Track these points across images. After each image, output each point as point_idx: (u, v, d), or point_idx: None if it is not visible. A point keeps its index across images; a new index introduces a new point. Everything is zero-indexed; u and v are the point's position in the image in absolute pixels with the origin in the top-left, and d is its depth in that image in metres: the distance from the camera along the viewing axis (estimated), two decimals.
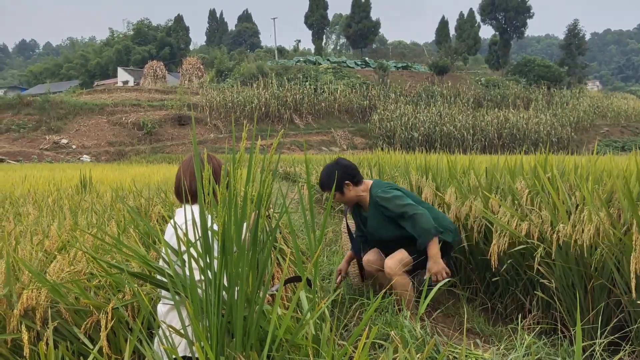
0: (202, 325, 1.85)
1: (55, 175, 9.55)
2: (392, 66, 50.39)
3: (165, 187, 6.34)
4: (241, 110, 35.32)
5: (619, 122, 43.05)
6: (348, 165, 3.68)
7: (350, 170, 3.64)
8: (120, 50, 61.50)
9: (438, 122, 36.30)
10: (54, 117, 32.26)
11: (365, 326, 2.06)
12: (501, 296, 3.83)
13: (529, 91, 45.06)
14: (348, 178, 3.62)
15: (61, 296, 2.22)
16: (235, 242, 1.87)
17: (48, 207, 4.77)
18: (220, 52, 52.78)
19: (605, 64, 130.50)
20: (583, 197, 3.21)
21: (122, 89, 42.31)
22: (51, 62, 75.12)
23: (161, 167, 13.92)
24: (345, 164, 3.68)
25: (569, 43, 56.12)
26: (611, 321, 2.81)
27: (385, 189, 3.59)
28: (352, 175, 3.64)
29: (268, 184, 2.02)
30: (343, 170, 3.61)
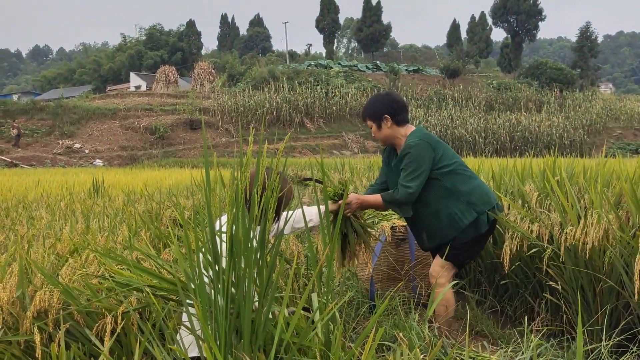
0: (211, 327, 1.88)
1: (68, 179, 9.65)
2: (403, 70, 50.34)
3: (176, 191, 6.39)
4: (252, 114, 35.44)
5: (632, 125, 42.64)
6: (396, 99, 3.30)
7: (395, 105, 3.25)
8: (133, 55, 61.94)
9: (449, 126, 36.20)
10: (67, 121, 32.55)
11: (372, 328, 2.08)
12: (510, 299, 3.83)
13: (541, 94, 44.79)
14: (389, 112, 3.22)
15: (73, 298, 2.25)
16: (243, 244, 1.90)
17: (60, 211, 4.83)
18: (231, 56, 53.03)
19: (618, 66, 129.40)
20: (592, 200, 3.20)
21: (135, 93, 42.59)
22: (64, 68, 75.82)
23: (173, 171, 14.01)
24: (394, 97, 3.32)
25: (582, 45, 55.73)
26: (619, 323, 2.80)
27: (417, 141, 3.12)
28: (395, 111, 3.23)
29: (276, 186, 2.04)
30: (388, 102, 3.26)
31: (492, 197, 3.19)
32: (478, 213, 3.11)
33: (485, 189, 3.22)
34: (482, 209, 3.11)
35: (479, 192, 3.15)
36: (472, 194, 3.12)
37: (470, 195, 3.12)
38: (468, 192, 3.12)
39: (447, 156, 3.16)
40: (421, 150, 3.08)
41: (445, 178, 3.13)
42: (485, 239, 3.27)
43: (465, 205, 3.11)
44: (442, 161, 3.13)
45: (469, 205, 3.11)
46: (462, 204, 3.11)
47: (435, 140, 3.20)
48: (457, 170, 3.15)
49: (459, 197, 3.12)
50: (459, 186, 3.13)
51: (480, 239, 3.19)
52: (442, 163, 3.13)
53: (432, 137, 3.22)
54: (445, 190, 3.13)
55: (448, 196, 3.12)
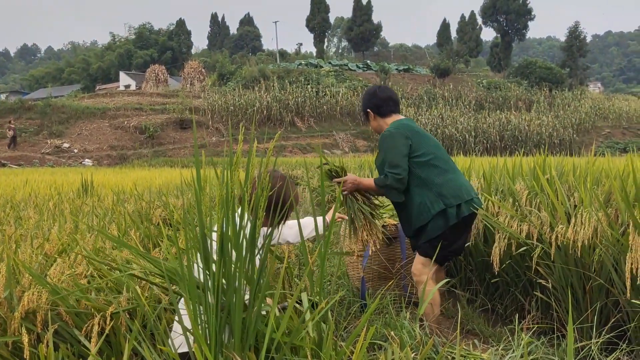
0: (201, 326, 1.86)
1: (56, 179, 9.58)
2: (393, 69, 50.44)
3: (166, 190, 6.36)
4: (243, 113, 35.36)
5: (620, 124, 42.98)
6: (376, 94, 3.54)
7: (376, 100, 3.51)
8: (122, 54, 61.62)
9: (440, 125, 36.29)
10: (56, 121, 32.32)
11: (363, 327, 2.07)
12: (501, 297, 3.84)
13: (531, 93, 45.04)
14: (371, 107, 3.52)
15: (61, 298, 2.23)
16: (233, 243, 1.89)
17: (49, 210, 4.79)
18: (222, 55, 52.91)
19: (607, 66, 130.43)
20: (581, 198, 3.22)
21: (124, 93, 42.37)
22: (53, 67, 75.30)
23: (163, 171, 13.94)
24: (375, 91, 3.57)
25: (570, 45, 56.11)
26: (609, 321, 2.82)
27: (393, 130, 3.33)
28: (377, 105, 3.50)
29: (265, 185, 2.03)
30: (369, 97, 3.56)
31: (464, 192, 3.25)
32: (446, 205, 3.20)
33: (458, 183, 3.28)
34: (452, 202, 3.19)
35: (451, 185, 3.24)
36: (443, 186, 3.23)
37: (442, 187, 3.22)
38: (440, 184, 3.23)
39: (424, 148, 3.30)
40: (394, 139, 3.28)
41: (420, 168, 3.27)
42: (458, 232, 3.28)
43: (436, 196, 3.22)
44: (417, 151, 3.28)
45: (439, 197, 3.22)
46: (433, 195, 3.23)
47: (412, 130, 3.34)
48: (432, 162, 3.28)
49: (431, 188, 3.24)
50: (433, 177, 3.25)
51: (451, 232, 3.24)
52: (417, 153, 3.28)
53: (409, 127, 3.36)
54: (419, 180, 3.27)
55: (421, 185, 3.26)
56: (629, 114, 44.93)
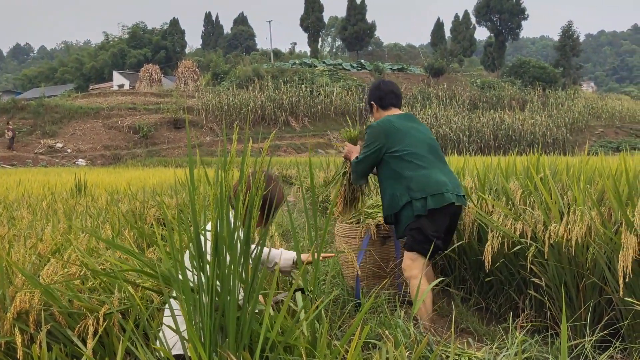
0: (195, 326, 1.86)
1: (50, 179, 9.54)
2: (387, 68, 50.50)
3: (160, 190, 6.34)
4: (237, 113, 35.30)
5: (613, 123, 43.18)
6: (380, 87, 3.81)
7: (379, 93, 3.78)
8: (116, 53, 61.41)
9: (434, 124, 36.34)
10: (49, 121, 32.18)
11: (357, 326, 2.07)
12: (495, 296, 3.85)
13: (524, 92, 45.18)
14: (374, 99, 3.79)
15: (54, 299, 2.22)
16: (227, 243, 1.89)
17: (42, 210, 4.77)
18: (216, 55, 52.81)
19: (600, 65, 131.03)
20: (575, 197, 3.23)
21: (118, 92, 42.24)
22: (46, 66, 74.95)
23: (157, 171, 13.90)
24: (378, 84, 3.85)
25: (564, 44, 56.33)
26: (603, 319, 2.83)
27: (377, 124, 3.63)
28: (380, 97, 3.76)
29: (260, 184, 2.03)
30: (373, 91, 3.84)
31: (433, 186, 3.34)
32: (412, 198, 3.35)
33: (429, 178, 3.37)
34: (417, 196, 3.33)
35: (420, 179, 3.36)
36: (412, 180, 3.38)
37: (411, 181, 3.38)
38: (410, 177, 3.39)
39: (400, 144, 3.48)
40: (374, 133, 3.57)
41: (395, 162, 3.47)
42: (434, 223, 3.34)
43: (404, 189, 3.40)
44: (394, 147, 3.48)
45: (407, 190, 3.38)
46: (402, 187, 3.42)
47: (394, 127, 3.54)
48: (406, 157, 3.45)
49: (401, 181, 3.43)
50: (404, 171, 3.42)
51: (427, 223, 3.32)
52: (394, 148, 3.48)
53: (392, 123, 3.56)
54: (393, 172, 3.49)
55: (393, 177, 3.48)
56: (622, 113, 45.16)
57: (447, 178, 3.43)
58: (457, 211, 3.47)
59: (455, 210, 3.42)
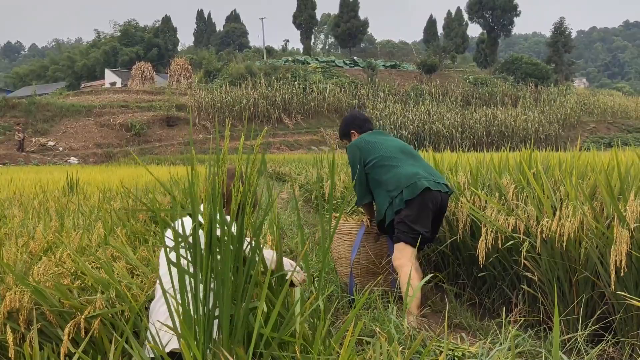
0: (188, 323, 1.85)
1: (41, 177, 9.48)
2: (380, 65, 50.48)
3: (153, 188, 6.32)
4: (230, 110, 35.20)
5: (605, 119, 43.38)
6: (357, 115, 4.07)
7: (358, 121, 3.99)
8: (107, 51, 61.09)
9: (427, 121, 36.37)
10: (41, 119, 31.97)
11: (351, 323, 2.07)
12: (488, 291, 3.86)
13: (517, 89, 45.30)
14: (354, 128, 3.97)
15: (44, 298, 2.20)
16: (221, 239, 1.88)
17: (34, 209, 4.74)
18: (208, 52, 52.66)
19: (592, 62, 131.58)
20: (567, 192, 3.24)
21: (110, 90, 42.04)
22: (37, 64, 74.46)
23: (150, 168, 13.85)
24: (355, 114, 4.11)
25: (556, 41, 56.51)
26: (595, 313, 2.84)
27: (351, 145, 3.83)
28: (359, 125, 3.97)
29: (253, 181, 2.02)
30: (351, 120, 4.04)
31: (403, 180, 3.51)
32: (391, 198, 3.53)
33: (399, 175, 3.56)
34: (394, 194, 3.51)
35: (393, 179, 3.54)
36: (388, 182, 3.56)
37: (388, 184, 3.56)
38: (386, 181, 3.58)
39: (372, 154, 3.68)
40: (351, 151, 3.79)
41: (373, 171, 3.66)
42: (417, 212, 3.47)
43: (385, 192, 3.58)
44: (368, 158, 3.68)
45: (387, 193, 3.56)
46: (383, 193, 3.60)
47: (365, 142, 3.77)
48: (379, 164, 3.64)
49: (381, 187, 3.61)
50: (381, 177, 3.62)
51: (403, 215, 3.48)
52: (368, 159, 3.68)
53: (364, 139, 3.82)
54: (374, 182, 3.68)
55: (376, 187, 3.67)
56: (614, 109, 45.37)
57: (419, 169, 3.59)
58: (439, 198, 3.54)
59: (436, 196, 3.51)
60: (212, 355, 1.84)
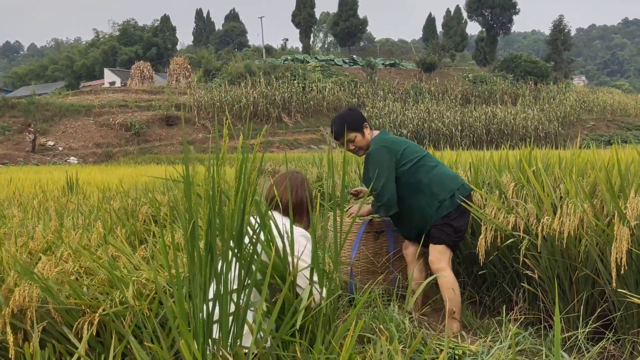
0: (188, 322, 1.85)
1: (41, 177, 9.48)
2: (379, 64, 50.42)
3: (152, 187, 6.32)
4: (229, 109, 35.15)
5: (604, 117, 43.35)
6: (358, 111, 3.79)
7: (361, 116, 3.67)
8: (107, 51, 61.03)
9: (426, 119, 36.34)
10: (40, 119, 31.93)
11: (352, 321, 2.07)
12: (489, 289, 3.87)
13: (516, 87, 45.25)
14: (365, 121, 3.64)
15: (52, 295, 2.20)
16: (220, 238, 1.88)
17: (33, 209, 4.74)
18: (207, 51, 52.58)
19: (591, 59, 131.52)
20: (567, 190, 3.24)
21: (109, 90, 42.00)
22: (36, 64, 74.39)
23: (149, 168, 13.85)
24: (355, 110, 3.80)
25: (555, 39, 56.46)
26: (595, 310, 2.84)
27: (377, 146, 3.52)
28: (366, 119, 3.67)
29: (253, 180, 2.02)
30: (359, 113, 3.69)
31: (451, 184, 3.42)
32: (440, 202, 3.38)
33: (444, 176, 3.45)
34: (444, 197, 3.38)
35: (437, 180, 3.42)
36: (432, 184, 3.41)
37: (431, 186, 3.41)
38: (429, 183, 3.41)
39: (409, 153, 3.48)
40: (381, 156, 3.45)
41: (409, 174, 3.44)
42: (461, 216, 3.42)
43: (430, 196, 3.40)
44: (403, 159, 3.46)
45: (432, 196, 3.40)
46: (426, 196, 3.41)
47: (393, 142, 3.54)
48: (419, 164, 3.46)
49: (423, 190, 3.42)
50: (422, 179, 3.43)
51: (451, 219, 3.39)
52: (404, 161, 3.45)
53: (390, 140, 3.56)
54: (410, 186, 3.45)
55: (414, 191, 3.45)
56: (613, 106, 45.34)
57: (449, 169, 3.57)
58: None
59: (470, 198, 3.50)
60: (212, 355, 1.84)
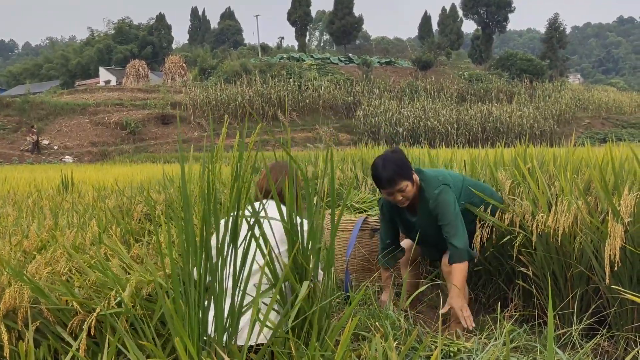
0: (184, 319, 1.85)
1: (36, 176, 9.45)
2: (375, 62, 50.43)
3: (148, 186, 6.30)
4: (225, 108, 35.11)
5: (600, 114, 43.46)
6: (402, 154, 3.28)
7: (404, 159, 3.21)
8: (102, 49, 60.86)
9: (422, 117, 36.35)
10: (35, 117, 31.84)
11: (347, 319, 2.07)
12: (484, 286, 3.87)
13: (512, 85, 45.33)
14: (410, 166, 3.21)
15: (44, 295, 2.19)
16: (216, 236, 1.88)
17: (28, 208, 4.73)
18: (203, 50, 52.46)
19: (586, 57, 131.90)
20: (562, 187, 3.24)
21: (104, 88, 41.90)
22: (31, 63, 74.18)
23: (145, 167, 13.83)
24: (400, 154, 3.24)
25: (550, 37, 56.58)
26: (590, 307, 2.85)
27: (439, 190, 3.17)
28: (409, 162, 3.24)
29: (247, 178, 2.02)
30: (404, 157, 3.21)
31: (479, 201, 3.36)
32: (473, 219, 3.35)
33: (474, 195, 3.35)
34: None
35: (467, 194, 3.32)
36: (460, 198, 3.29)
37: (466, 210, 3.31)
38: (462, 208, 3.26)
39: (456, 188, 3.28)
40: (449, 197, 3.16)
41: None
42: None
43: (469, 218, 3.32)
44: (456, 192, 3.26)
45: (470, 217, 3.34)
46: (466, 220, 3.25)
47: (446, 178, 3.27)
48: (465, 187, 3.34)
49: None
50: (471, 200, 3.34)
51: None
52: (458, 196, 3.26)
53: (443, 177, 3.27)
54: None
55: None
56: (608, 104, 45.46)
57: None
58: None
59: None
60: (207, 354, 1.84)
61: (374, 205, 4.38)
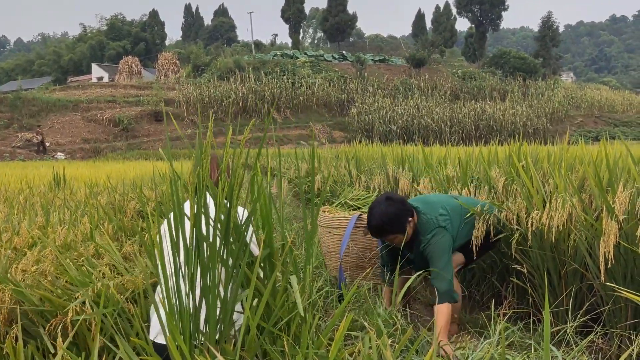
0: (175, 317, 1.82)
1: (27, 173, 9.38)
2: (369, 59, 50.41)
3: (140, 183, 6.26)
4: (218, 105, 35.03)
5: (592, 113, 43.67)
6: (401, 199, 3.24)
7: (407, 205, 3.20)
8: (94, 45, 60.48)
9: (416, 115, 36.41)
10: (27, 114, 31.63)
11: (339, 317, 2.06)
12: (478, 284, 3.87)
13: (505, 83, 45.45)
14: (409, 214, 3.16)
15: (25, 297, 2.16)
16: (207, 233, 1.85)
17: (19, 204, 4.68)
18: (196, 47, 52.21)
19: (579, 56, 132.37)
20: (556, 184, 3.24)
21: (97, 85, 41.66)
22: (22, 59, 73.66)
23: (138, 164, 13.75)
24: (399, 198, 3.24)
25: (543, 35, 56.74)
26: (584, 304, 2.85)
27: (433, 234, 3.11)
28: (409, 209, 3.19)
29: (239, 174, 2.00)
30: (402, 206, 3.16)
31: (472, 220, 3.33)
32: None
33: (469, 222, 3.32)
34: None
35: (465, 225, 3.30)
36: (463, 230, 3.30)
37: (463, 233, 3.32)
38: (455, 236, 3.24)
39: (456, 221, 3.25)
40: (444, 242, 3.10)
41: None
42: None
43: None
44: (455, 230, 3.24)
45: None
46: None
47: (445, 217, 3.20)
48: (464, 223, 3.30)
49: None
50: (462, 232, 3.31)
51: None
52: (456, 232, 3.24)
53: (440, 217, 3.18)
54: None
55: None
56: (601, 103, 45.68)
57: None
58: None
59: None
60: (199, 350, 1.82)
61: (368, 202, 4.36)
